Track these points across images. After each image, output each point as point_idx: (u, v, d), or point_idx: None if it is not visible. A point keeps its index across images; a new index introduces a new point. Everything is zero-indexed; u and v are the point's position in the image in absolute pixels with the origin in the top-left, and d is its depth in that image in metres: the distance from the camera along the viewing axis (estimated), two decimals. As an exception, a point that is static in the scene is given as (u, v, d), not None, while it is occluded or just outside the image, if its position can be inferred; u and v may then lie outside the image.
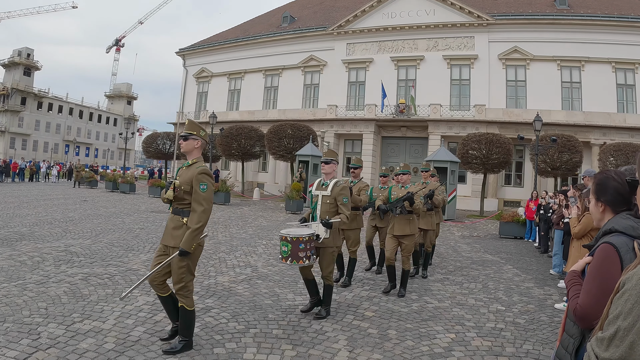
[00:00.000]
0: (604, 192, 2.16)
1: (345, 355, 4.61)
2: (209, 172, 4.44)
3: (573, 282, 2.08)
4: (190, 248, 4.24)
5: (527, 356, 4.82)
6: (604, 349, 1.37)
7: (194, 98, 42.39)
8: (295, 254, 5.32)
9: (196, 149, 4.58)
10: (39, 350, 4.22)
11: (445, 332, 5.47)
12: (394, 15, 33.32)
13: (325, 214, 5.75)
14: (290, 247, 5.33)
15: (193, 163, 4.52)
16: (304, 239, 5.33)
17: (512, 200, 29.20)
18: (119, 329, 4.83)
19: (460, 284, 8.16)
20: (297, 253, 5.32)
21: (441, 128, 30.40)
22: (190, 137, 4.54)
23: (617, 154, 22.76)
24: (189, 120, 4.77)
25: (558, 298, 7.37)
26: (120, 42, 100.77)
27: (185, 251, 4.22)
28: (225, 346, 4.64)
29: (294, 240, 5.33)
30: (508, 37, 30.43)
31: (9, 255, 8.16)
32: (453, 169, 22.70)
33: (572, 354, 2.00)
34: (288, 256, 5.35)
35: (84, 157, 77.02)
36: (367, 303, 6.53)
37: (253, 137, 30.07)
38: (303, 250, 5.35)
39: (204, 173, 4.37)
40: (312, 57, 36.24)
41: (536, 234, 14.51)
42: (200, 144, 4.60)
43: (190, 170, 4.44)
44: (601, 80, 28.74)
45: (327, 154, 6.19)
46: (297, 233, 5.41)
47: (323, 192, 5.86)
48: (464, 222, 20.47)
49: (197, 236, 4.28)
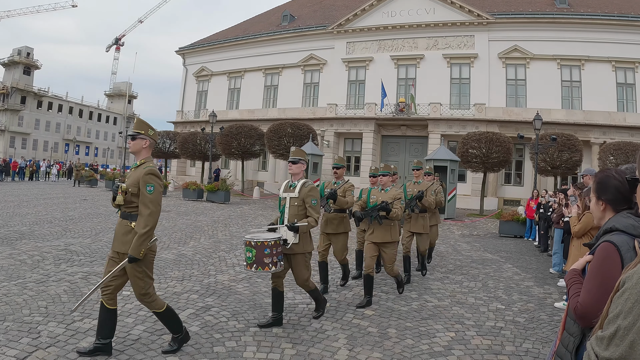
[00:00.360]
0: (605, 190, 2.16)
1: (345, 353, 4.61)
2: (156, 172, 4.20)
3: (573, 281, 2.08)
4: (139, 254, 4.00)
5: (526, 355, 4.82)
6: (603, 348, 1.37)
7: (193, 97, 42.37)
8: (260, 260, 4.90)
9: (144, 149, 4.32)
10: (39, 349, 4.23)
11: (445, 330, 5.47)
12: (393, 14, 33.29)
13: (293, 217, 5.34)
14: (255, 253, 4.89)
15: (141, 164, 4.27)
16: (269, 243, 4.90)
17: (511, 199, 29.20)
18: (119, 328, 4.82)
19: (460, 282, 8.16)
20: (262, 259, 4.89)
21: (441, 127, 30.39)
22: (138, 136, 4.29)
23: (617, 153, 22.75)
24: (138, 118, 4.52)
25: (558, 297, 7.37)
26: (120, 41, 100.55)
27: (134, 257, 3.99)
28: (225, 345, 4.65)
29: (258, 245, 4.90)
30: (508, 36, 30.40)
31: (9, 254, 8.16)
32: (453, 168, 22.71)
33: (573, 353, 2.00)
34: (253, 262, 4.92)
35: (84, 156, 76.96)
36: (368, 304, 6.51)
37: (253, 135, 30.06)
38: (269, 256, 4.92)
39: (151, 174, 4.12)
40: (312, 56, 36.22)
41: (536, 232, 14.50)
42: (148, 143, 4.33)
43: (138, 171, 4.20)
44: (601, 79, 28.71)
45: (295, 153, 5.66)
46: (262, 237, 4.98)
47: (290, 194, 5.47)
48: (463, 221, 20.47)
49: (146, 241, 4.04)
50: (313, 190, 5.48)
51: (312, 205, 5.35)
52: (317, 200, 5.46)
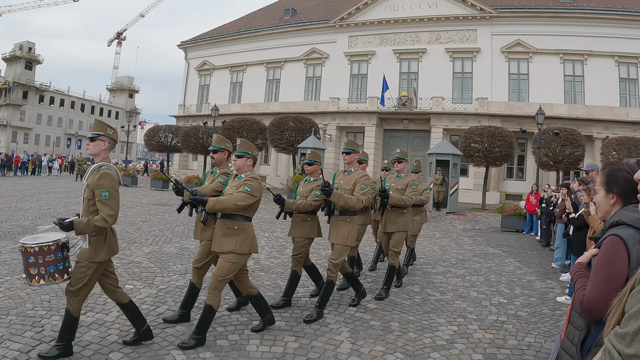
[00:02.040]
0: (616, 183, 2.14)
1: (347, 347, 4.62)
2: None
3: (579, 275, 2.07)
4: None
5: (529, 349, 4.83)
6: (626, 345, 1.34)
7: (195, 91, 42.33)
8: (26, 269, 3.84)
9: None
10: (43, 342, 4.24)
11: (447, 324, 5.47)
12: (396, 7, 33.18)
13: (85, 213, 4.12)
14: (22, 260, 3.88)
15: None
16: (32, 249, 3.80)
17: (514, 193, 29.16)
18: (122, 321, 4.83)
19: (463, 276, 8.17)
20: (28, 268, 3.83)
21: (443, 121, 30.33)
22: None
23: (620, 148, 22.72)
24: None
25: (560, 291, 7.37)
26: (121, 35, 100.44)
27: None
28: (228, 338, 4.66)
29: (22, 250, 3.86)
30: (511, 30, 30.28)
31: (11, 248, 8.19)
32: (455, 162, 22.68)
33: (578, 346, 1.99)
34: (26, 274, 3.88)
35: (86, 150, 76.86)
36: (369, 295, 6.52)
37: (255, 129, 30.02)
38: (34, 266, 3.82)
39: None
40: (314, 50, 36.14)
41: (538, 227, 14.50)
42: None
43: None
44: (604, 74, 28.61)
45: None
46: (35, 241, 3.91)
47: None
48: (466, 215, 20.46)
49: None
50: None
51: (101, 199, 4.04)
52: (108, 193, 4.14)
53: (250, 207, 4.65)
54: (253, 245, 4.65)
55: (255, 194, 4.57)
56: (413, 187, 6.85)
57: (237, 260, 4.50)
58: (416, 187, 6.99)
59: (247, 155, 4.80)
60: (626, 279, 1.84)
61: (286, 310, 5.62)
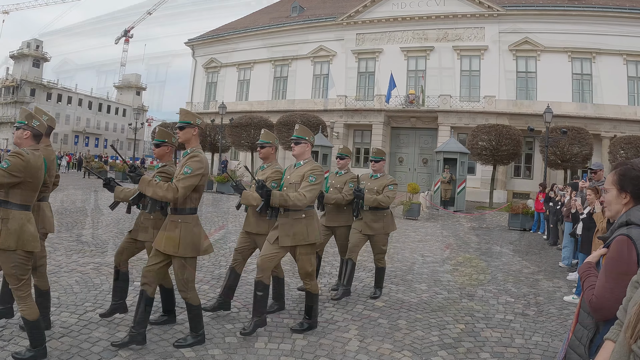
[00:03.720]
0: (629, 182, 2.14)
1: (355, 344, 4.64)
2: None
3: (588, 274, 2.08)
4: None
5: (536, 347, 4.84)
6: None
7: (203, 88, 42.39)
8: None
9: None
10: (52, 339, 4.27)
11: (454, 322, 5.48)
12: (403, 5, 33.08)
13: None
14: None
15: None
16: None
17: (521, 192, 29.04)
18: (131, 318, 4.85)
19: (470, 275, 8.17)
20: None
21: (451, 119, 30.27)
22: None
23: (628, 147, 22.65)
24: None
25: (567, 290, 7.36)
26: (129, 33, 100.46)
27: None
28: (236, 335, 4.68)
29: None
30: (519, 27, 30.07)
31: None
32: (462, 160, 22.65)
33: (586, 345, 2.00)
34: None
35: (94, 147, 77.24)
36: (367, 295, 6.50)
37: (262, 127, 29.91)
38: None
39: None
40: (322, 48, 36.09)
41: (545, 226, 14.46)
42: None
43: None
44: (612, 72, 28.38)
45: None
46: None
47: None
48: (473, 214, 20.43)
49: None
50: None
51: None
52: None
53: None
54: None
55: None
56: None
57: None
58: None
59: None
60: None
61: (294, 308, 5.65)
